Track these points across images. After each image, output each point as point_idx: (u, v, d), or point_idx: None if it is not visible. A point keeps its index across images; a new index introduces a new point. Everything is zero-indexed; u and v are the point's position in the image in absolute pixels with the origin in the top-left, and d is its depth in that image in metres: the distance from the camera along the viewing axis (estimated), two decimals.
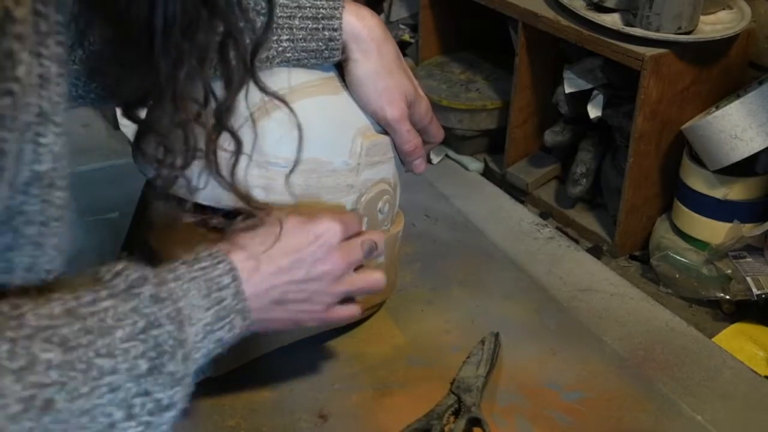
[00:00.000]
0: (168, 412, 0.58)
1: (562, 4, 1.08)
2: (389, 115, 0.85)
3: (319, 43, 0.82)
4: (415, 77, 0.86)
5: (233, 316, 0.66)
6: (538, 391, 0.84)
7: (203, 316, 0.64)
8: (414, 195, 1.16)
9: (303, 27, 0.80)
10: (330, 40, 0.82)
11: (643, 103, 1.00)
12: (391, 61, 0.85)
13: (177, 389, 0.58)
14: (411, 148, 0.87)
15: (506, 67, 1.24)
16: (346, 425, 0.80)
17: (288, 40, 0.80)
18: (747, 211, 1.01)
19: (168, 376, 0.58)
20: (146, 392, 0.57)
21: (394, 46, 0.86)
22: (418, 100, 0.88)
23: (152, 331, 0.58)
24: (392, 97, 0.85)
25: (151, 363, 0.57)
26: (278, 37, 0.80)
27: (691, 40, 1.00)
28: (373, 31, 0.83)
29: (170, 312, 0.60)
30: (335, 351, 0.89)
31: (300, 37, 0.81)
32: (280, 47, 0.80)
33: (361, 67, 0.83)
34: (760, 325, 0.96)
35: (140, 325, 0.57)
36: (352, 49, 0.83)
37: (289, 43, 0.80)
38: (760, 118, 0.96)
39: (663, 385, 0.85)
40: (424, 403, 0.81)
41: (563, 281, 1.01)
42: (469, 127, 1.26)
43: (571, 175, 1.15)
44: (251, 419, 0.80)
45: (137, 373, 0.56)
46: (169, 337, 0.59)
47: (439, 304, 0.96)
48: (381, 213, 0.86)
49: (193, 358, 0.61)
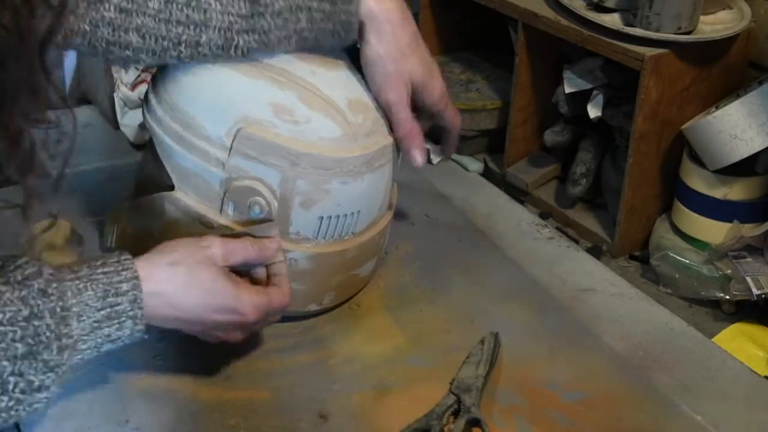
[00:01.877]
0: (39, 393, 0.67)
1: (562, 4, 1.08)
2: (385, 99, 0.86)
3: (336, 24, 0.84)
4: None
5: (125, 319, 0.71)
6: (537, 391, 0.84)
7: (93, 315, 0.69)
8: (414, 195, 1.16)
9: (321, 9, 0.83)
10: (346, 21, 0.84)
11: (643, 103, 1.00)
12: (406, 44, 0.85)
13: (49, 375, 0.67)
14: (403, 132, 0.87)
15: (506, 67, 1.24)
16: (346, 425, 0.80)
17: (306, 21, 0.82)
18: (747, 211, 1.01)
19: (42, 362, 0.66)
20: (20, 373, 0.65)
21: (412, 28, 0.87)
22: (431, 84, 0.88)
23: (33, 321, 0.65)
24: (395, 81, 0.85)
25: (28, 348, 0.65)
26: (296, 18, 0.82)
27: (691, 40, 1.00)
28: (389, 14, 0.85)
29: (54, 306, 0.67)
30: (335, 351, 0.89)
31: (318, 18, 0.83)
32: (298, 27, 0.82)
33: (373, 50, 0.85)
34: (760, 325, 0.96)
35: (23, 313, 0.65)
36: (367, 31, 0.85)
37: (308, 23, 0.83)
38: (760, 118, 0.96)
39: (663, 385, 0.85)
40: (423, 403, 0.80)
41: (563, 281, 1.01)
42: (469, 127, 1.25)
43: (571, 175, 1.15)
44: (251, 418, 0.80)
45: (12, 354, 0.64)
46: (47, 329, 0.66)
47: (439, 304, 0.96)
48: (253, 212, 0.84)
49: (77, 348, 0.69)
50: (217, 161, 0.82)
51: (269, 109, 0.82)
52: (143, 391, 0.82)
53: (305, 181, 0.83)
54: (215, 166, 0.82)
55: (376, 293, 0.97)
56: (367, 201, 0.88)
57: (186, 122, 0.83)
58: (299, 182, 0.83)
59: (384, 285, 0.99)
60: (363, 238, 0.90)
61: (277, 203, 0.83)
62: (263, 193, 0.83)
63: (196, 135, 0.83)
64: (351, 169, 0.84)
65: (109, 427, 0.78)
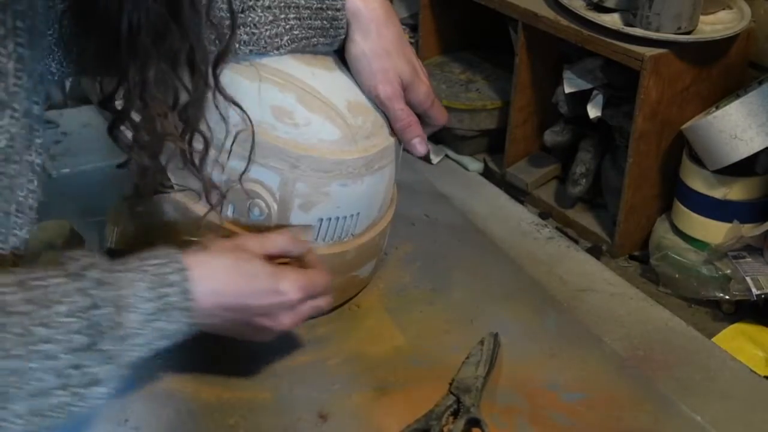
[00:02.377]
0: (99, 387, 0.65)
1: (562, 4, 1.08)
2: (381, 94, 0.86)
3: (325, 21, 0.85)
4: None
5: (175, 312, 0.70)
6: (537, 392, 0.84)
7: (145, 307, 0.68)
8: (414, 195, 1.16)
9: (309, 6, 0.84)
10: (333, 19, 0.85)
11: (643, 103, 1.00)
12: (390, 42, 0.86)
13: (110, 366, 0.65)
14: (403, 125, 0.87)
15: (506, 67, 1.24)
16: (346, 425, 0.80)
17: (295, 18, 0.84)
18: (747, 211, 1.01)
19: (102, 353, 0.64)
20: (80, 365, 0.63)
21: (397, 28, 0.87)
22: (417, 83, 0.88)
23: (93, 311, 0.64)
24: (386, 77, 0.86)
25: (89, 339, 0.63)
26: (286, 15, 0.83)
27: (691, 40, 1.00)
28: (374, 12, 0.86)
29: (112, 296, 0.66)
30: (335, 351, 0.89)
31: (306, 16, 0.84)
32: (288, 25, 0.84)
33: (358, 47, 0.86)
34: (760, 325, 0.96)
35: (82, 304, 0.64)
36: (353, 30, 0.86)
37: (296, 21, 0.84)
38: (760, 118, 0.96)
39: (663, 385, 0.85)
40: (423, 404, 0.80)
41: (563, 281, 1.01)
42: (469, 127, 1.26)
43: (571, 175, 1.15)
44: (251, 418, 0.80)
45: (73, 346, 0.63)
46: (107, 318, 0.65)
47: (439, 305, 0.96)
48: (253, 214, 0.84)
49: (132, 342, 0.67)
50: (216, 164, 0.82)
51: (269, 112, 0.82)
52: (143, 391, 0.82)
53: (305, 184, 0.83)
54: (215, 168, 0.82)
55: (375, 294, 0.97)
56: (366, 202, 0.88)
57: None
58: (299, 185, 0.83)
59: (384, 285, 0.99)
60: (362, 240, 0.90)
61: (277, 205, 0.83)
62: (263, 196, 0.83)
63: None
64: (351, 171, 0.84)
65: (108, 427, 0.78)
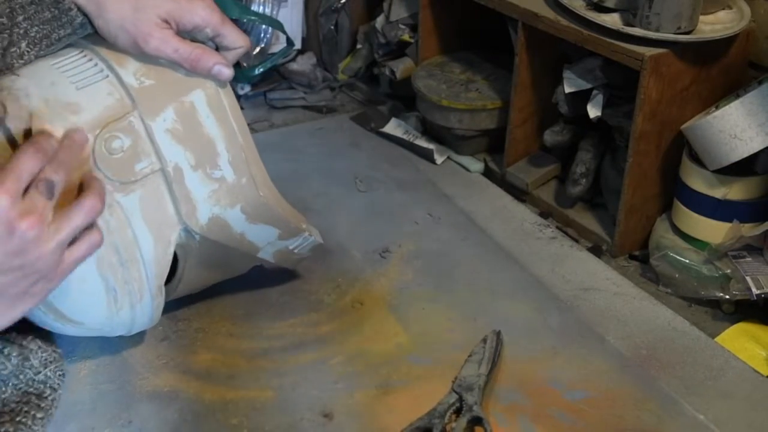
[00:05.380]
0: None
1: (562, 4, 1.08)
2: (148, 50, 0.79)
3: (52, 9, 0.79)
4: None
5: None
6: (540, 390, 0.84)
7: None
8: (417, 194, 1.16)
9: (32, 2, 0.78)
10: (56, 2, 0.79)
11: (642, 103, 1.00)
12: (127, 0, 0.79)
13: None
14: (190, 64, 0.80)
15: (506, 67, 1.24)
16: (349, 423, 0.80)
17: (24, 19, 0.78)
18: (746, 210, 1.01)
19: None
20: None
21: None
22: (184, 12, 0.80)
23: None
24: (143, 31, 0.79)
25: None
26: (15, 20, 0.78)
27: (691, 40, 1.00)
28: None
29: None
30: (338, 349, 0.89)
31: (32, 12, 0.78)
32: (21, 29, 0.78)
33: (102, 23, 0.79)
34: (763, 325, 0.96)
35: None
36: (89, 12, 0.79)
37: (27, 22, 0.78)
38: (760, 118, 0.96)
39: (665, 384, 0.85)
40: (426, 402, 0.81)
41: (565, 280, 1.01)
42: (469, 127, 1.26)
43: (571, 175, 1.15)
44: (254, 417, 0.80)
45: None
46: None
47: (442, 303, 0.96)
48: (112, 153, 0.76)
49: None
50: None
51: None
52: (146, 392, 0.82)
53: None
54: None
55: (378, 292, 0.97)
56: None
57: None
58: None
59: (387, 284, 0.99)
60: None
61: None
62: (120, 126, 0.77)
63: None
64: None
65: (112, 428, 0.79)
